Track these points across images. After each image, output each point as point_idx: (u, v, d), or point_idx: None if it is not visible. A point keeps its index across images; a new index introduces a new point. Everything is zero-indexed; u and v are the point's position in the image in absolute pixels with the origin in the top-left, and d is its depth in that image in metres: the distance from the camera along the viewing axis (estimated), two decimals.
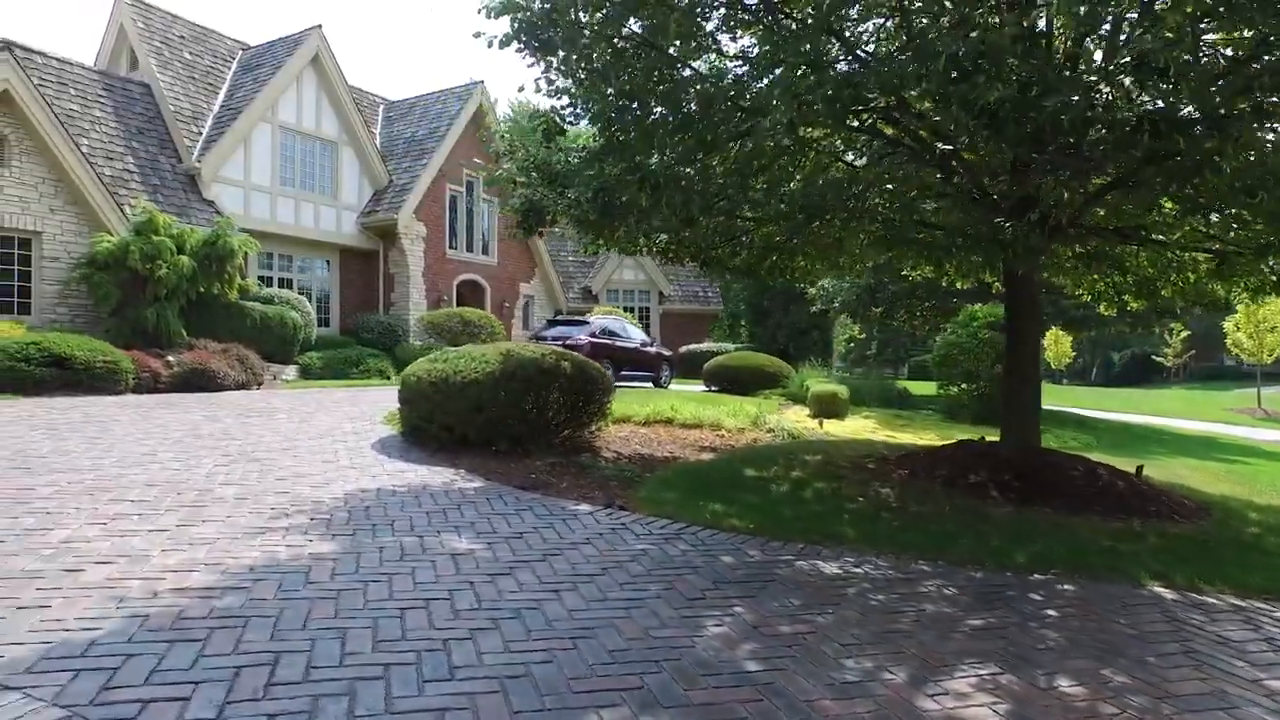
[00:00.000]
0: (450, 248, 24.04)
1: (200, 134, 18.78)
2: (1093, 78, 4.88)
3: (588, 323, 19.17)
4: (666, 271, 30.66)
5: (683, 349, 26.98)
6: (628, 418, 10.78)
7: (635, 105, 5.95)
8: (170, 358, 13.19)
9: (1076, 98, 4.45)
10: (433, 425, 7.69)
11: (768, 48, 5.38)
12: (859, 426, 14.19)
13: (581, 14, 5.61)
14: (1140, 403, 30.31)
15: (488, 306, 24.66)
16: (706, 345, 28.85)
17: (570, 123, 6.52)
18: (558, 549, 4.77)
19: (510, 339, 22.49)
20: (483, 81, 24.75)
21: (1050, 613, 4.27)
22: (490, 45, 6.10)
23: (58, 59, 16.98)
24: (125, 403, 10.64)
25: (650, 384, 19.49)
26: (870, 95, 5.06)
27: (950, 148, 6.20)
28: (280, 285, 19.94)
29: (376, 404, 11.65)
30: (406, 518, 5.22)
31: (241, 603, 3.48)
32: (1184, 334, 48.89)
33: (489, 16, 5.84)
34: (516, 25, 5.69)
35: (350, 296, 22.38)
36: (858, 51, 6.17)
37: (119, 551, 4.06)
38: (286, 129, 20.16)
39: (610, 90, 5.89)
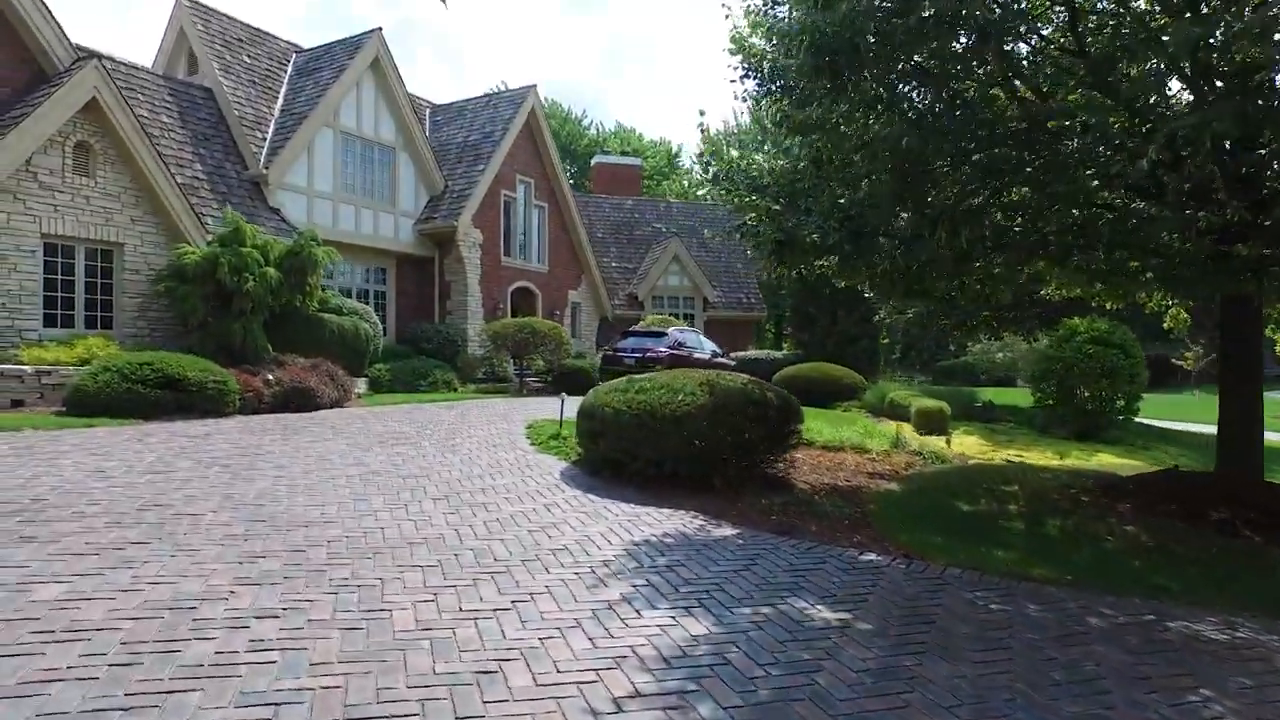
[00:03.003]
0: (505, 255, 23.53)
1: (264, 140, 18.21)
2: None
3: (664, 334, 18.74)
4: (710, 277, 30.25)
5: (733, 355, 26.55)
6: None
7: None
8: (270, 375, 12.64)
9: None
10: (636, 460, 7.22)
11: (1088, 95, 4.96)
12: (970, 443, 13.83)
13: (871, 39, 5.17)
14: (1189, 409, 30.03)
15: (539, 314, 24.13)
16: (753, 353, 28.46)
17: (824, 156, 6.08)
18: (915, 614, 4.32)
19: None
20: (535, 85, 24.26)
21: None
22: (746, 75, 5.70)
23: (125, 64, 16.39)
24: (248, 426, 10.11)
25: None
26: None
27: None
28: (341, 295, 19.37)
29: (494, 422, 11.17)
30: (718, 578, 4.76)
31: (719, 714, 3.02)
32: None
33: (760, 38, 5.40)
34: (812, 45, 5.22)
35: (405, 305, 21.83)
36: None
37: (501, 646, 3.54)
38: (347, 134, 19.63)
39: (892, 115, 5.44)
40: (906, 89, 5.57)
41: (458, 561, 4.75)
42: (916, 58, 5.37)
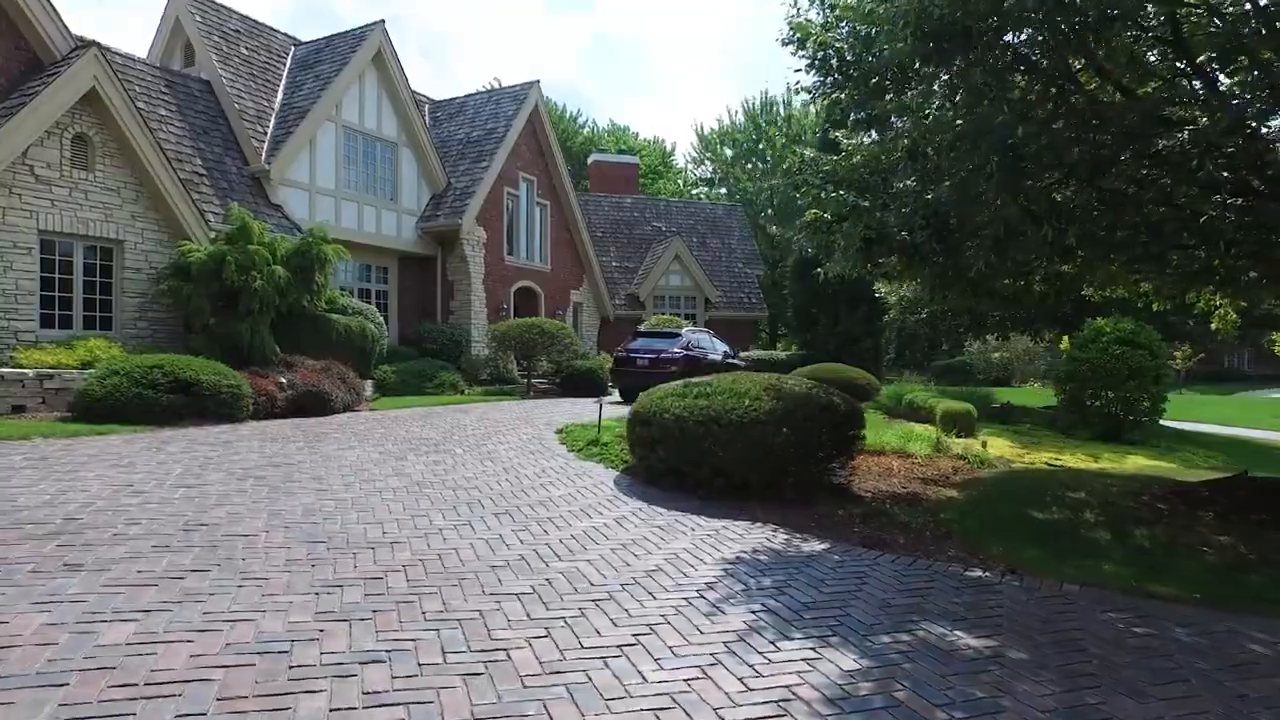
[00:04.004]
0: (508, 254, 23.03)
1: (265, 134, 17.61)
2: None
3: (677, 335, 18.31)
4: (712, 277, 29.90)
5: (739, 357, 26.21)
6: None
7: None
8: (282, 379, 12.10)
9: None
10: (701, 469, 6.81)
11: None
12: (1001, 446, 13.53)
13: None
14: (1199, 409, 30.05)
15: (541, 314, 23.64)
16: (756, 353, 28.16)
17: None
18: (1061, 640, 3.95)
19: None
20: (538, 81, 23.78)
21: None
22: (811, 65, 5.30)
23: (120, 55, 15.73)
24: (267, 433, 9.60)
25: None
26: None
27: None
28: (343, 294, 18.80)
29: (517, 427, 10.72)
30: (835, 601, 4.37)
31: None
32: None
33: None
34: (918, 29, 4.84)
35: (407, 305, 21.29)
36: None
37: (648, 692, 3.05)
38: (350, 129, 19.06)
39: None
40: (1014, 78, 5.21)
41: (553, 588, 4.31)
42: (1024, 48, 5.01)
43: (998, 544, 5.99)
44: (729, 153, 47.29)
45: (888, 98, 5.90)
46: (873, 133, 7.37)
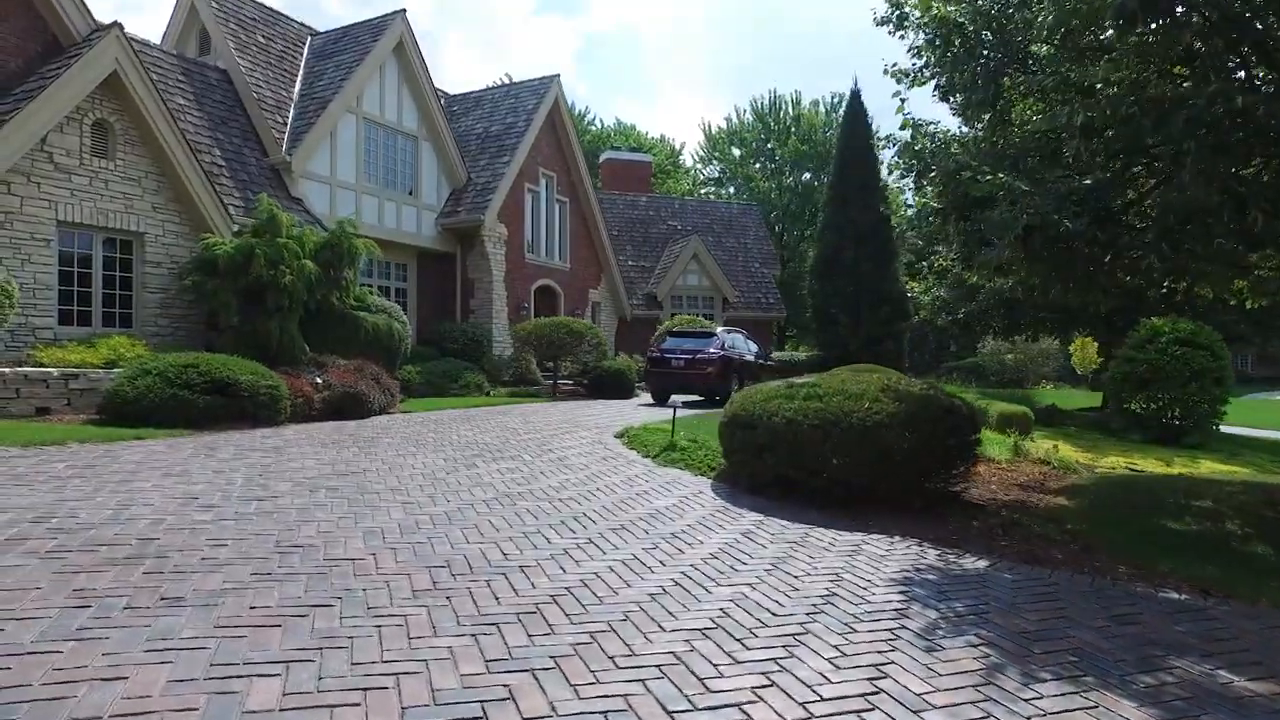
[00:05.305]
0: (529, 252, 22.36)
1: (284, 125, 16.89)
2: None
3: (712, 335, 17.68)
4: (729, 276, 29.30)
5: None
6: None
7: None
8: (318, 379, 11.41)
9: None
10: (817, 477, 6.19)
11: None
12: (1065, 450, 12.97)
13: None
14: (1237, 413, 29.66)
15: (561, 313, 22.97)
16: (782, 354, 27.57)
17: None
18: None
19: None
20: (558, 75, 23.13)
21: None
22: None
23: (137, 40, 14.98)
24: (313, 437, 8.92)
25: None
26: None
27: None
28: (369, 291, 18.09)
29: (570, 431, 10.08)
30: (1051, 631, 3.76)
31: None
32: None
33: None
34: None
35: (425, 304, 20.59)
36: None
37: None
38: (370, 121, 18.37)
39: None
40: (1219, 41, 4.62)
41: (734, 620, 3.68)
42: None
43: (1166, 560, 5.40)
44: (737, 152, 46.72)
45: (1035, 73, 5.30)
46: (981, 117, 6.79)
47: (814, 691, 2.96)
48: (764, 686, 2.98)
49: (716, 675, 3.06)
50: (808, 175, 43.96)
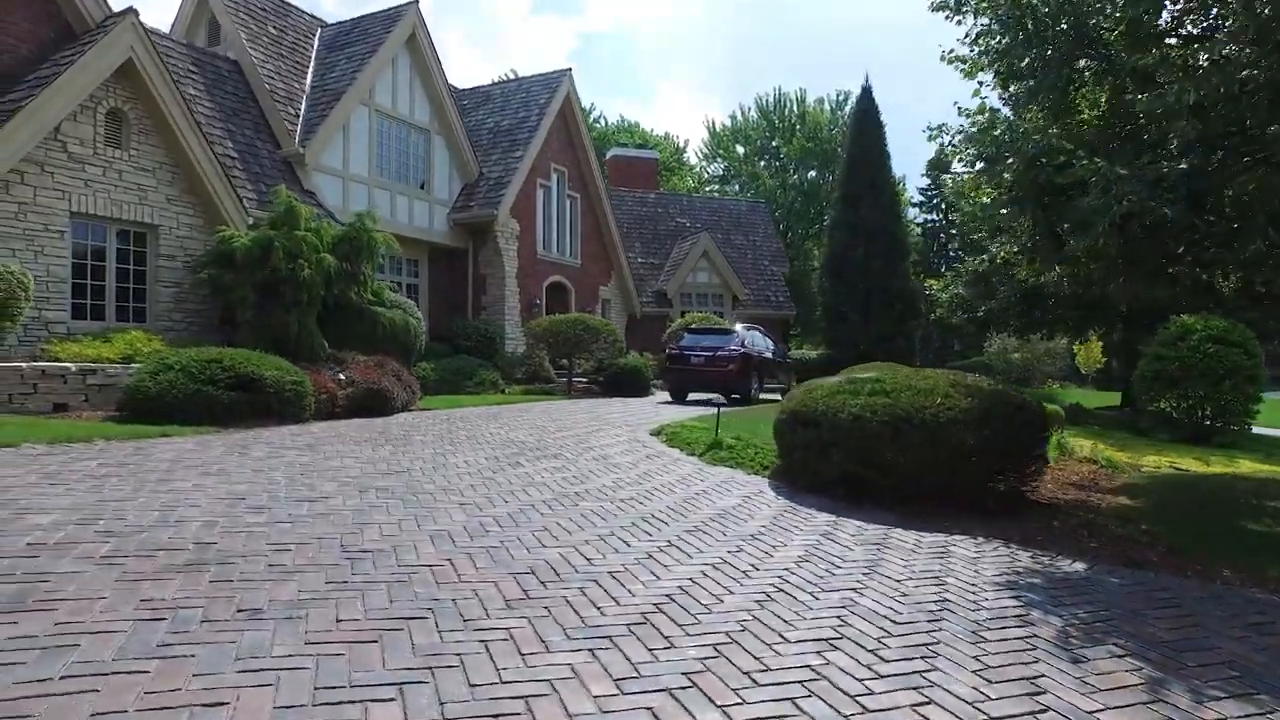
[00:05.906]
0: (541, 248, 22.05)
1: (297, 117, 16.55)
2: None
3: (732, 332, 17.38)
4: (738, 274, 29.03)
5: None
6: None
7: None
8: (341, 375, 11.09)
9: None
10: (888, 476, 5.91)
11: None
12: (1102, 449, 12.78)
13: None
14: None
15: (572, 310, 22.66)
16: (799, 351, 27.36)
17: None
18: None
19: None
20: (570, 69, 22.82)
21: None
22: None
23: (147, 28, 14.61)
24: (342, 434, 8.61)
25: (780, 395, 17.81)
26: None
27: None
28: (385, 286, 17.75)
29: (603, 429, 9.79)
30: (1195, 646, 3.48)
31: None
32: None
33: None
34: None
35: (436, 299, 20.26)
36: None
37: None
38: (383, 114, 18.04)
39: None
40: None
41: (856, 629, 3.39)
42: None
43: (1258, 563, 5.13)
44: (741, 150, 46.47)
45: (1113, 50, 5.03)
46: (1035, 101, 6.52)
47: (978, 710, 2.68)
48: (922, 704, 2.70)
49: (867, 692, 2.78)
50: (813, 173, 43.74)
